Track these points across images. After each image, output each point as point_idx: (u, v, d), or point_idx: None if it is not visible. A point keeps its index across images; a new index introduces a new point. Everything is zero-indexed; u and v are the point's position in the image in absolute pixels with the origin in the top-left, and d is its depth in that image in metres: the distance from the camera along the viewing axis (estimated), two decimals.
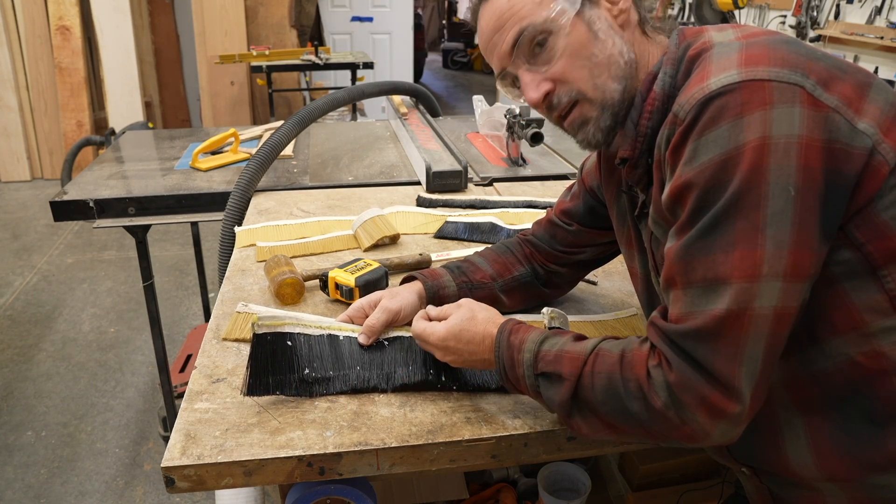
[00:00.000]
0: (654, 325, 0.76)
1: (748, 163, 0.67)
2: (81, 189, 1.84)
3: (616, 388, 0.75)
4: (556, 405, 0.81)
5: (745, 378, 0.69)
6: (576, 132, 0.88)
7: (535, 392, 0.84)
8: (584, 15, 0.83)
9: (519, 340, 0.86)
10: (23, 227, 4.35)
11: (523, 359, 0.84)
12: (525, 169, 2.01)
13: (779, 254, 0.68)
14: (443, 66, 11.38)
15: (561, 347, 0.82)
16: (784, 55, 0.71)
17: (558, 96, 0.85)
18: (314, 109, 1.91)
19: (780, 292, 0.68)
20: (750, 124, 0.68)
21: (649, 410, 0.73)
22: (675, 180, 0.73)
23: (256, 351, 0.92)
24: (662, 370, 0.72)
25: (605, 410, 0.77)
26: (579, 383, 0.78)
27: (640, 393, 0.73)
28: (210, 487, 0.85)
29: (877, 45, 3.49)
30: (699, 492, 1.48)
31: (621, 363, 0.76)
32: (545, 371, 0.82)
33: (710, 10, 4.19)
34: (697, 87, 0.72)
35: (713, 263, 0.70)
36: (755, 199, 0.67)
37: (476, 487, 1.56)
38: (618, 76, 0.84)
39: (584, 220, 1.12)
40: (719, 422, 0.71)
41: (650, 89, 0.83)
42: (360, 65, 4.76)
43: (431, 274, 1.12)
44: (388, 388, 0.96)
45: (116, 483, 2.23)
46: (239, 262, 1.39)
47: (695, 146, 0.71)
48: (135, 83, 5.07)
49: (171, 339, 3.00)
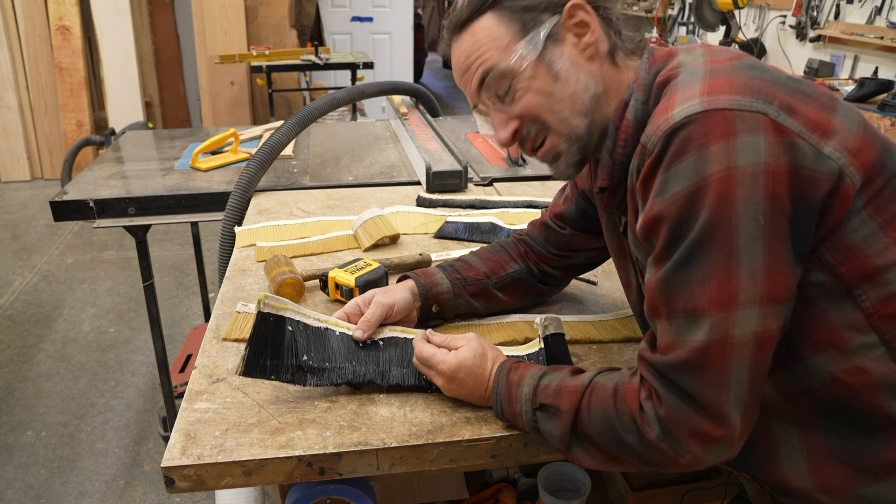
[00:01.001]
0: (643, 358, 0.78)
1: (716, 194, 0.68)
2: (81, 189, 1.84)
3: (611, 421, 0.78)
4: (555, 439, 0.84)
5: (734, 403, 0.71)
6: (549, 165, 0.92)
7: (532, 427, 0.86)
8: (545, 57, 0.84)
9: (518, 377, 0.88)
10: (23, 227, 4.35)
11: (522, 394, 0.86)
12: (525, 169, 2.00)
13: (753, 281, 0.69)
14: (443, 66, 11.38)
15: (560, 382, 0.84)
16: (746, 82, 0.72)
17: (527, 129, 0.88)
18: (314, 109, 1.91)
19: (759, 317, 0.70)
20: (715, 154, 0.69)
21: (644, 443, 0.76)
22: (647, 212, 0.75)
23: (258, 330, 0.91)
24: (653, 403, 0.75)
25: (603, 442, 0.79)
26: (577, 416, 0.81)
27: (635, 426, 0.76)
28: (210, 487, 0.85)
29: (877, 45, 3.48)
30: (702, 492, 1.47)
31: (615, 397, 0.78)
32: (544, 403, 0.84)
33: (710, 10, 4.18)
34: (662, 118, 0.73)
35: (691, 296, 0.71)
36: (726, 229, 0.69)
37: (476, 487, 1.56)
38: (582, 111, 0.85)
39: (576, 224, 1.13)
40: (712, 449, 0.73)
41: (622, 117, 0.84)
42: (360, 65, 4.76)
43: (424, 273, 1.13)
44: (384, 384, 0.96)
45: (116, 483, 2.23)
46: (239, 262, 1.39)
47: (664, 178, 0.72)
48: (135, 83, 5.07)
49: (171, 339, 3.00)
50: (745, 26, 4.56)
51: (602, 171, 0.88)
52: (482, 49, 0.86)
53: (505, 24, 0.85)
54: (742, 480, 0.92)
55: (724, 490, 1.45)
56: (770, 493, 0.86)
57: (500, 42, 0.85)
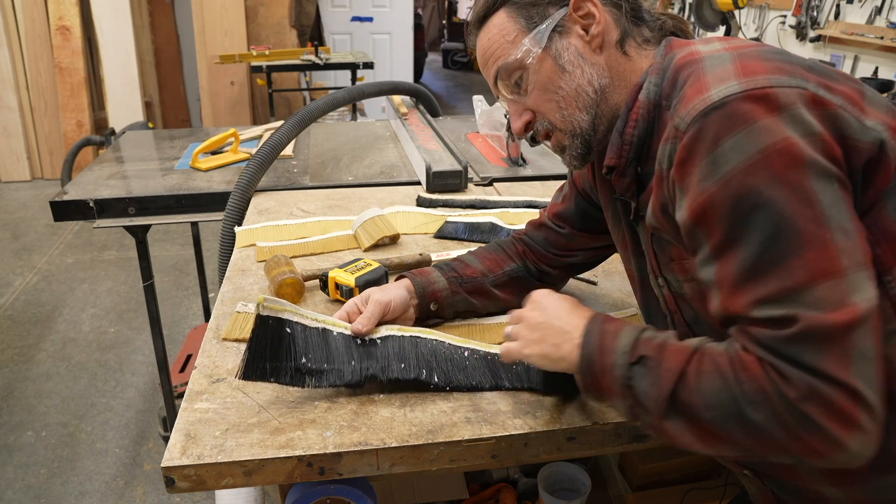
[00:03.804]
0: (751, 336, 0.67)
1: (780, 164, 0.65)
2: (81, 189, 1.84)
3: (730, 391, 0.67)
4: (650, 401, 0.73)
5: (864, 380, 0.62)
6: (559, 155, 0.93)
7: (623, 386, 0.75)
8: (551, 49, 0.86)
9: (615, 327, 0.79)
10: (23, 227, 4.35)
11: (618, 345, 0.76)
12: (525, 169, 2.01)
13: (850, 244, 0.64)
14: (443, 66, 11.39)
15: (665, 339, 0.75)
16: (778, 64, 0.71)
17: (537, 125, 0.91)
18: (314, 109, 1.91)
19: (867, 281, 0.64)
20: (765, 127, 0.66)
21: (772, 421, 0.65)
22: (696, 199, 0.69)
23: (258, 333, 0.91)
24: (775, 381, 0.64)
25: (709, 416, 0.68)
26: (681, 382, 0.70)
27: (763, 399, 0.65)
28: (210, 487, 0.85)
29: (877, 45, 3.48)
30: (703, 491, 1.47)
31: (732, 365, 0.67)
32: (645, 355, 0.74)
33: (710, 10, 4.18)
34: (698, 98, 0.70)
35: (788, 272, 0.64)
36: (803, 196, 0.64)
37: (476, 487, 1.56)
38: (586, 106, 0.86)
39: (575, 223, 1.13)
40: (853, 432, 0.62)
41: (636, 99, 0.84)
42: (360, 65, 4.76)
43: (420, 272, 1.13)
44: (384, 379, 0.95)
45: (116, 483, 2.23)
46: (239, 262, 1.39)
47: (711, 159, 0.68)
48: (135, 83, 5.07)
49: (171, 339, 3.00)
50: (745, 26, 4.56)
51: (611, 150, 0.87)
52: (494, 44, 0.89)
53: (514, 18, 0.88)
54: (742, 479, 0.91)
55: (724, 490, 1.45)
56: (773, 491, 0.86)
57: (509, 37, 0.88)
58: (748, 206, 0.66)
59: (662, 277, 0.89)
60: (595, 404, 0.95)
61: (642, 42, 0.88)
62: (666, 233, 0.81)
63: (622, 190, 0.90)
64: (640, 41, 0.88)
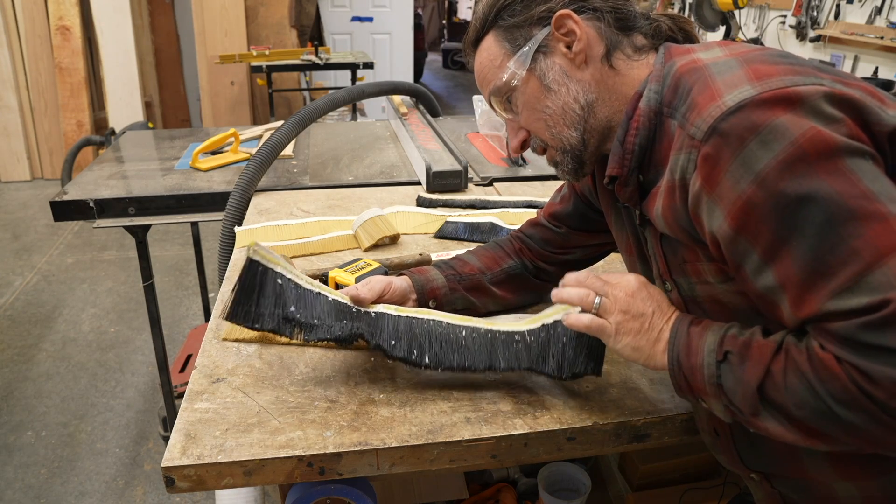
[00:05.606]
0: (825, 330, 0.64)
1: (813, 151, 0.63)
2: (81, 189, 1.84)
3: (815, 391, 0.65)
4: (739, 399, 0.71)
5: None
6: (554, 169, 0.95)
7: (714, 385, 0.74)
8: (536, 70, 0.87)
9: (702, 327, 0.78)
10: (23, 227, 4.35)
11: (705, 344, 0.75)
12: (525, 169, 2.01)
13: None
14: (443, 66, 11.39)
15: (750, 335, 0.73)
16: (789, 67, 0.70)
17: (532, 142, 0.94)
18: (314, 109, 1.91)
19: None
20: (789, 121, 0.64)
21: (864, 418, 0.62)
22: (733, 204, 0.67)
23: (246, 277, 0.91)
24: (858, 382, 0.62)
25: (800, 415, 0.66)
26: (768, 379, 0.68)
27: (849, 398, 0.62)
28: (210, 487, 0.85)
29: (877, 45, 3.48)
30: (702, 491, 1.48)
31: (811, 364, 0.65)
32: (730, 350, 0.72)
33: (710, 10, 4.19)
34: (711, 105, 0.69)
35: (853, 255, 0.61)
36: (844, 177, 0.62)
37: (476, 487, 1.56)
38: (573, 122, 0.87)
39: (573, 223, 1.13)
40: None
41: (636, 107, 0.83)
42: (360, 65, 4.76)
43: (419, 270, 1.13)
44: (372, 342, 0.94)
45: (116, 483, 2.23)
46: (239, 262, 1.38)
47: (740, 162, 0.66)
48: (135, 83, 5.07)
49: (171, 339, 3.00)
50: (745, 26, 4.56)
51: (612, 160, 0.86)
52: (485, 69, 0.92)
53: (500, 42, 0.90)
54: (748, 483, 0.90)
55: (723, 490, 1.45)
56: (780, 492, 0.85)
57: (496, 61, 0.90)
58: (791, 200, 0.64)
59: (671, 281, 0.87)
60: (595, 404, 0.95)
61: (634, 52, 0.86)
62: (677, 237, 0.81)
63: (625, 199, 0.89)
64: (632, 51, 0.86)
